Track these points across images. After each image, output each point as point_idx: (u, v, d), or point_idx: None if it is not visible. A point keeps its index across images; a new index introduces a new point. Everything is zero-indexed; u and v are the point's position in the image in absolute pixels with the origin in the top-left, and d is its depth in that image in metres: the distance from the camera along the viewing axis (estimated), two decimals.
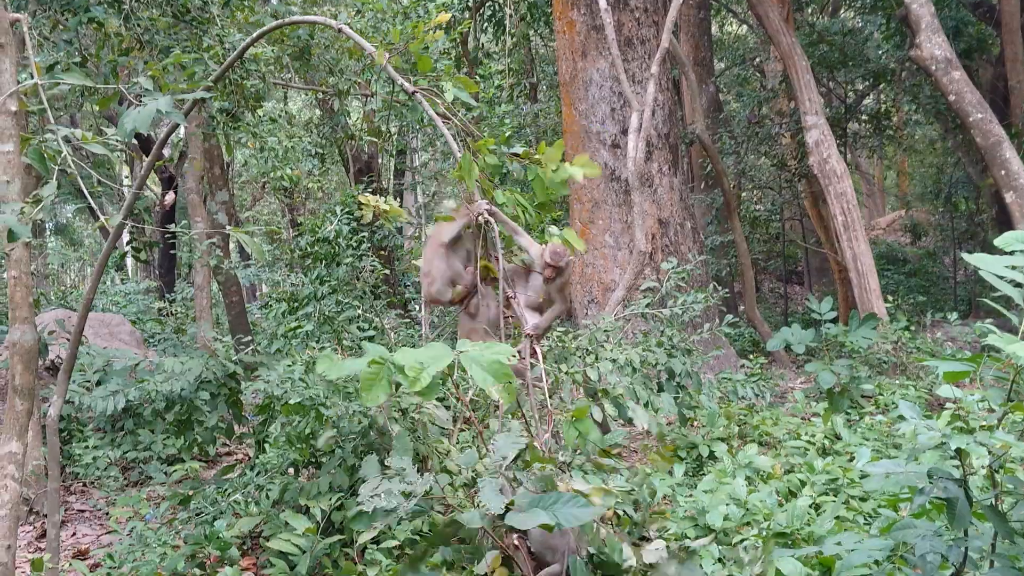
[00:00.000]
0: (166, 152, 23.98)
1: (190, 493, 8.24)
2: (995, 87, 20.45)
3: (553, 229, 5.15)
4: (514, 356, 4.00)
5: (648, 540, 4.26)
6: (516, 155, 5.05)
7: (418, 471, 3.87)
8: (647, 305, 9.73)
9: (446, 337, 14.86)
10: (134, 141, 21.35)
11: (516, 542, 4.27)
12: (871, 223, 33.61)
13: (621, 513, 4.23)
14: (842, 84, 22.52)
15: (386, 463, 3.95)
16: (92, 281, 7.37)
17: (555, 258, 4.77)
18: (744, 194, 23.64)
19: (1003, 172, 13.07)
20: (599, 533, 4.16)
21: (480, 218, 4.79)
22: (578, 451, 4.54)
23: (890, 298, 15.41)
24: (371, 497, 3.69)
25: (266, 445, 8.44)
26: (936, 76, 13.90)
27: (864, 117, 22.86)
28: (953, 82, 13.62)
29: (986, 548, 4.00)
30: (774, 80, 22.91)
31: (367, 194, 5.27)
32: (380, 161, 21.45)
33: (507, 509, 3.75)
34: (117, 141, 4.79)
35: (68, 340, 6.90)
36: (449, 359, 3.90)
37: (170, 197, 23.73)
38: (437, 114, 5.09)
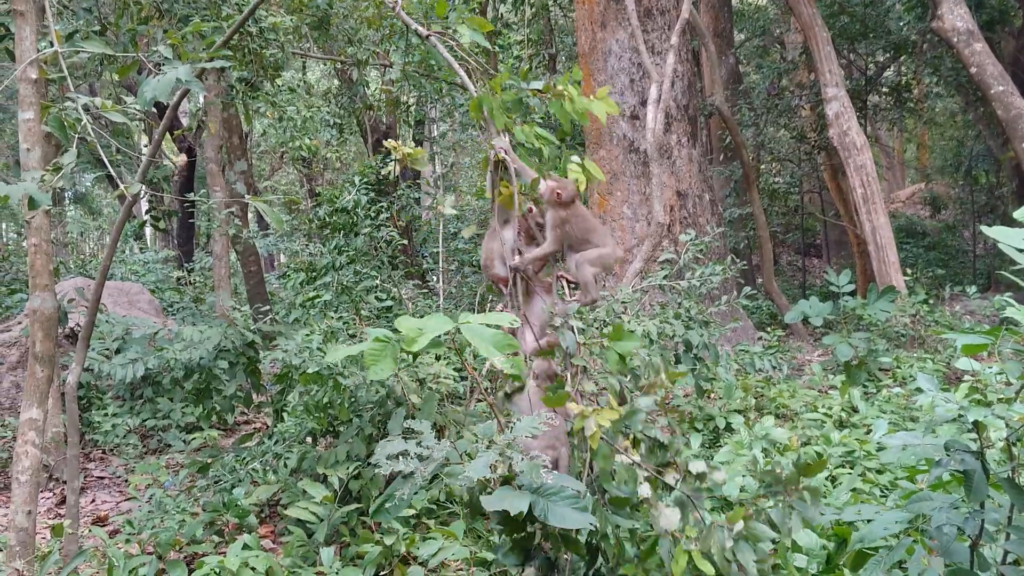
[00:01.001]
0: (185, 122, 24.01)
1: (209, 461, 8.30)
2: (1017, 60, 20.25)
3: (575, 159, 5.11)
4: (514, 321, 4.00)
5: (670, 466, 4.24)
6: (538, 90, 5.03)
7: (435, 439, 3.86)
8: (665, 277, 9.71)
9: (464, 307, 14.89)
10: (153, 110, 21.37)
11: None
12: (890, 196, 33.43)
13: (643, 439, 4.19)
14: (863, 56, 22.32)
15: (408, 426, 3.96)
16: (108, 248, 7.40)
17: (551, 192, 4.72)
18: (763, 166, 23.54)
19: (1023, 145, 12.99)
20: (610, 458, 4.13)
21: (496, 156, 4.78)
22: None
23: (909, 271, 15.36)
24: (388, 460, 3.69)
25: (284, 414, 8.49)
26: (957, 48, 13.80)
27: (884, 89, 22.69)
28: (975, 54, 13.52)
29: (1003, 520, 4.00)
30: (794, 52, 22.77)
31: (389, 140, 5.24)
32: (398, 132, 21.41)
33: (507, 481, 3.74)
34: (136, 110, 4.81)
35: (87, 308, 6.94)
36: (448, 327, 3.91)
37: (182, 159, 23.76)
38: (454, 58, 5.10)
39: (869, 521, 4.73)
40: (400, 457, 3.72)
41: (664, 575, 4.02)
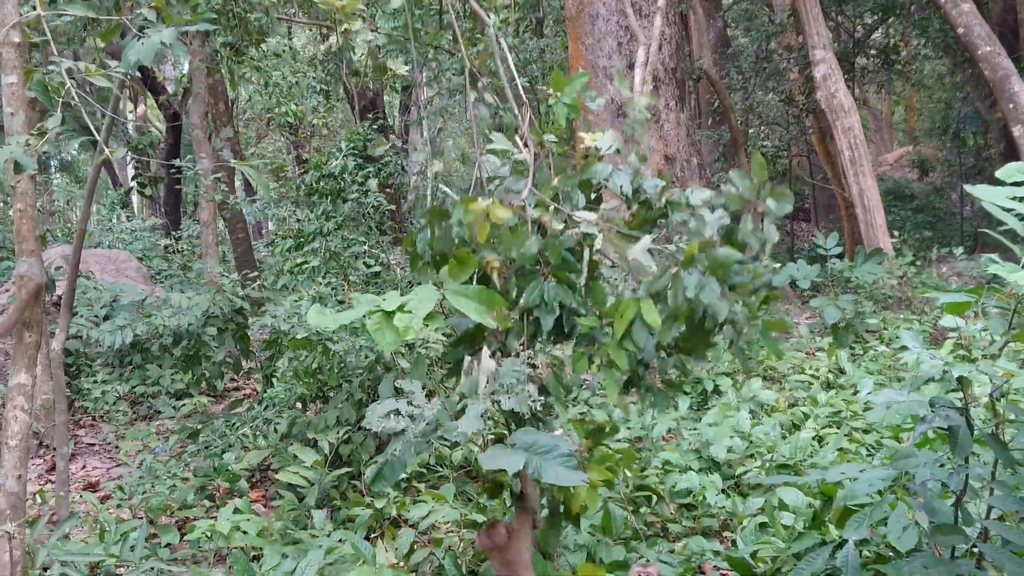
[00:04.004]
0: (170, 88, 23.87)
1: (199, 427, 8.32)
2: (1004, 20, 20.20)
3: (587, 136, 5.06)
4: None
5: None
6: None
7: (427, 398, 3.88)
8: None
9: None
10: (137, 74, 21.24)
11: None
12: (878, 159, 33.44)
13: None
14: (850, 18, 22.26)
15: (398, 387, 3.98)
16: (84, 209, 7.40)
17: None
18: (751, 130, 23.53)
19: (1011, 106, 13.00)
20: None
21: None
22: None
23: (896, 233, 15.40)
24: (380, 419, 3.71)
25: (274, 379, 8.50)
26: (945, 9, 13.78)
27: (872, 51, 22.64)
28: (962, 15, 13.50)
29: (986, 476, 4.04)
30: (782, 14, 22.66)
31: None
32: (385, 98, 21.32)
33: (499, 440, 3.77)
34: (119, 73, 4.78)
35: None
36: (435, 300, 3.92)
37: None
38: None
39: (854, 479, 4.77)
40: (391, 416, 3.74)
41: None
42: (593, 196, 4.47)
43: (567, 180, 4.31)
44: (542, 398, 3.71)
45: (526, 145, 4.52)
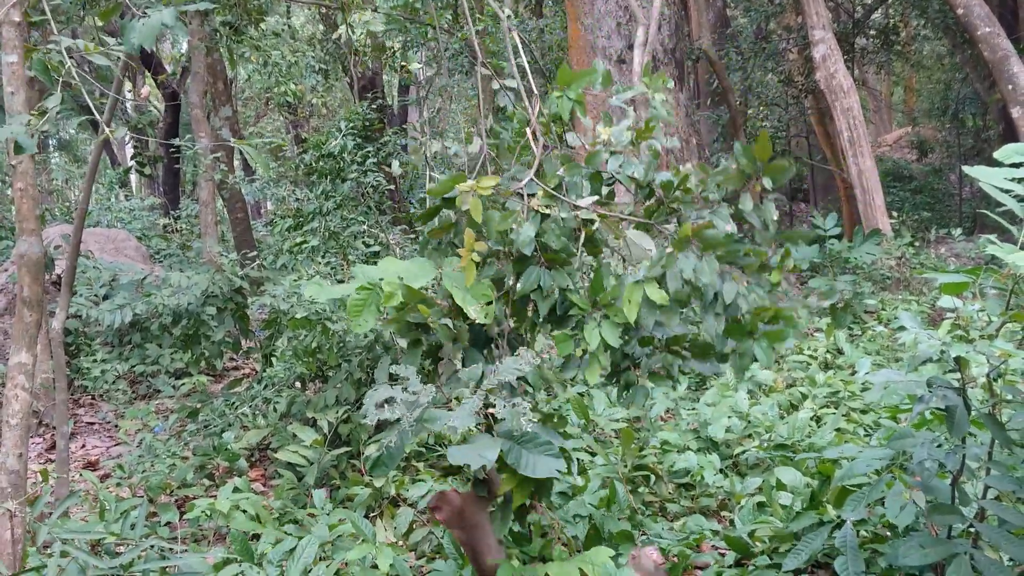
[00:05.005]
0: (168, 68, 23.80)
1: (198, 406, 8.34)
2: (1004, 1, 20.17)
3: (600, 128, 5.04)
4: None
5: None
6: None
7: (423, 383, 3.87)
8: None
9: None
10: (136, 54, 21.18)
11: None
12: (877, 140, 33.40)
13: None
14: None
15: (394, 373, 3.97)
16: (85, 190, 7.40)
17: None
18: (750, 111, 23.46)
19: (1010, 87, 12.97)
20: None
21: None
22: None
23: (895, 214, 15.39)
24: (376, 408, 3.71)
25: (273, 359, 8.52)
26: None
27: (872, 32, 22.58)
28: None
29: (983, 456, 4.06)
30: None
31: None
32: (384, 77, 21.27)
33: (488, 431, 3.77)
34: (119, 51, 4.78)
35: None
36: (431, 275, 3.92)
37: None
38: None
39: (852, 459, 4.79)
40: (387, 404, 3.74)
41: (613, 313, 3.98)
42: (605, 191, 4.46)
43: (573, 170, 4.32)
44: (535, 419, 3.68)
45: (535, 135, 4.52)
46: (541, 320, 4.11)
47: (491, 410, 3.68)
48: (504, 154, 4.84)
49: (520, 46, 4.99)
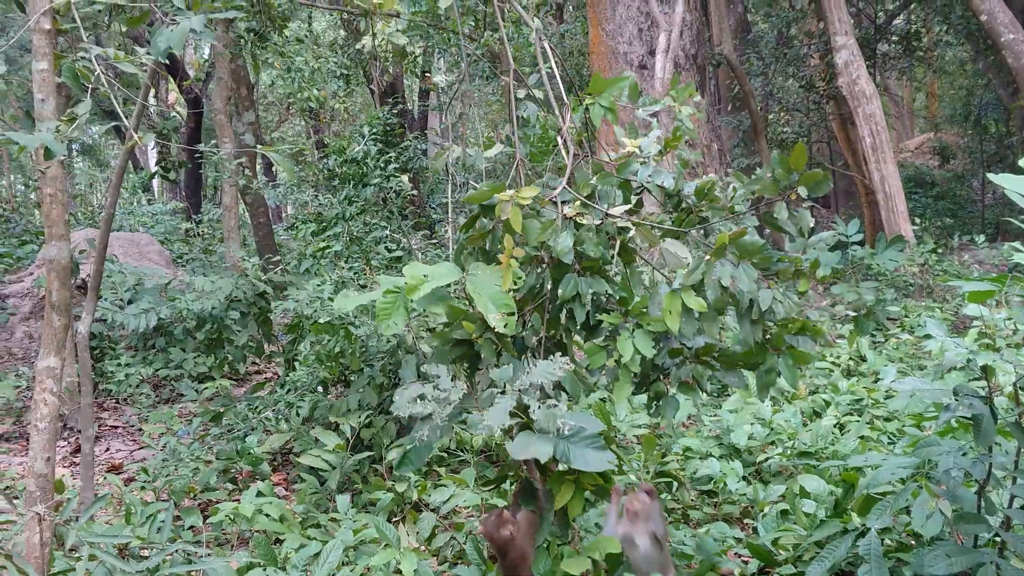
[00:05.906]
0: (191, 72, 23.92)
1: (221, 410, 8.37)
2: None
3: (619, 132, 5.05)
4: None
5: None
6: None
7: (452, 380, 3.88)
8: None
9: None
10: (165, 60, 21.31)
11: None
12: (899, 145, 33.25)
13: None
14: (872, 4, 22.15)
15: (422, 370, 3.98)
16: (111, 195, 7.44)
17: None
18: (771, 116, 23.42)
19: None
20: None
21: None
22: None
23: (917, 221, 15.37)
24: (407, 404, 3.72)
25: (296, 363, 8.55)
26: None
27: (894, 38, 22.53)
28: (985, 1, 13.42)
29: (1010, 465, 4.04)
30: (803, 0, 22.57)
31: None
32: (405, 82, 21.32)
33: (524, 428, 3.76)
34: (148, 59, 4.81)
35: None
36: (454, 277, 3.93)
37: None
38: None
39: (876, 467, 4.78)
40: (418, 400, 3.75)
41: (646, 323, 3.98)
42: (634, 199, 4.47)
43: (605, 179, 4.33)
44: (572, 421, 3.67)
45: (566, 144, 4.53)
46: (577, 328, 4.11)
47: (527, 412, 3.67)
48: (530, 160, 4.85)
49: (551, 54, 4.99)
